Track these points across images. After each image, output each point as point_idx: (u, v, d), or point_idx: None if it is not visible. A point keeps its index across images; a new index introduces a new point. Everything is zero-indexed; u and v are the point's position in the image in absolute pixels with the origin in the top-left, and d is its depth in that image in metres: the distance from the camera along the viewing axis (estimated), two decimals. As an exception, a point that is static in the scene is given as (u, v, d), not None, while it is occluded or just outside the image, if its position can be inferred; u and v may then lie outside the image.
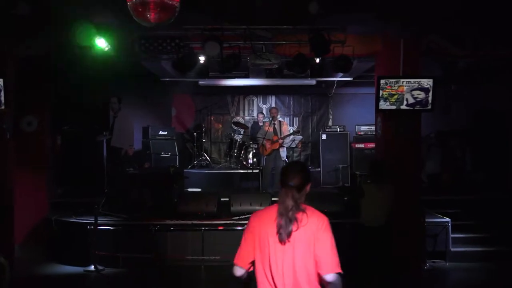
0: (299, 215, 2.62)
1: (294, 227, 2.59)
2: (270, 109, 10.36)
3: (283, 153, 9.93)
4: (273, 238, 2.62)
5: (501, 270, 7.21)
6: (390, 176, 6.03)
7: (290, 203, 2.63)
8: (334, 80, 11.94)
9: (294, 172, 2.74)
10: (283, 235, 2.59)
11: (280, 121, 10.14)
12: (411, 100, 7.09)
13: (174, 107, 13.37)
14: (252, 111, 13.60)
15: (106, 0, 6.07)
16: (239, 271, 2.76)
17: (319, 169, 11.44)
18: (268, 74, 10.92)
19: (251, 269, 2.75)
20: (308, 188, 2.76)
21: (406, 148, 7.30)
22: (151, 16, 3.95)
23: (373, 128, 10.62)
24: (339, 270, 2.58)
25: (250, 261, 2.73)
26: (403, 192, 6.81)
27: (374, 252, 5.51)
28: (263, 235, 2.66)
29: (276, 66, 8.21)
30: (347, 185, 10.99)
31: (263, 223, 2.69)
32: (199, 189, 10.23)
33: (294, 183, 2.68)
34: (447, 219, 7.63)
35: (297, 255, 2.59)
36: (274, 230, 2.62)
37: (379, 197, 5.63)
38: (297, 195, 2.66)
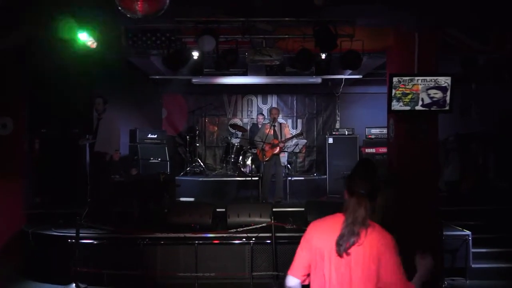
0: (364, 230, 2.58)
1: (356, 240, 2.55)
2: (270, 110, 10.35)
3: (284, 158, 9.94)
4: (331, 251, 2.59)
5: (527, 288, 7.19)
6: (403, 184, 6.03)
7: (362, 214, 2.57)
8: (342, 78, 11.96)
9: (365, 177, 2.68)
10: (343, 247, 2.55)
11: (280, 123, 10.13)
12: (427, 100, 7.08)
13: (164, 107, 13.38)
14: (251, 112, 13.61)
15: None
16: (292, 281, 2.73)
17: (325, 176, 11.43)
18: (268, 71, 10.89)
19: (307, 281, 2.73)
20: (379, 200, 2.71)
21: (422, 153, 7.29)
22: (138, 6, 3.94)
23: (384, 131, 10.60)
24: None
25: (306, 273, 2.71)
26: (418, 202, 6.80)
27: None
28: (319, 247, 2.64)
29: (278, 63, 8.19)
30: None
31: (322, 234, 2.66)
32: (192, 199, 10.20)
33: (366, 190, 2.62)
34: (467, 232, 7.61)
35: (355, 274, 2.55)
36: (333, 242, 2.59)
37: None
38: (369, 206, 2.61)
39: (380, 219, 5.64)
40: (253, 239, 7.13)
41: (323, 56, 8.41)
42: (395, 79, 7.08)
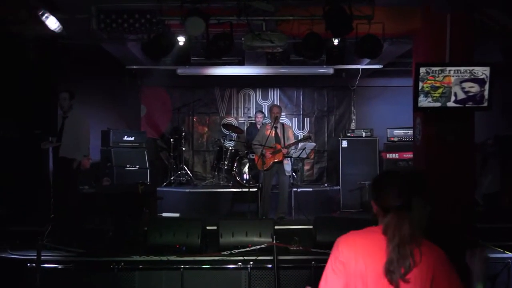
0: (417, 248, 2.57)
1: (411, 263, 2.53)
2: (271, 108, 10.29)
3: (288, 166, 9.92)
4: (377, 278, 2.55)
5: None
6: (432, 196, 6.04)
7: (408, 231, 2.55)
8: (358, 69, 11.96)
9: (400, 186, 2.67)
10: (397, 274, 2.52)
11: (283, 124, 10.13)
12: (461, 95, 7.10)
13: (144, 104, 13.39)
14: (249, 109, 13.63)
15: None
16: None
17: (338, 187, 11.44)
18: (269, 60, 10.93)
19: None
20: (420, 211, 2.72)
21: (455, 160, 7.30)
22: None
23: (410, 132, 10.62)
24: None
25: None
26: (450, 218, 6.80)
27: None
28: (361, 272, 2.58)
29: (281, 50, 8.21)
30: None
31: (362, 254, 2.60)
32: (177, 214, 10.18)
33: (403, 203, 2.62)
34: (510, 255, 7.62)
35: None
36: (379, 266, 2.55)
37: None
38: (413, 219, 2.59)
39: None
40: (251, 263, 7.11)
41: (336, 41, 8.43)
42: (422, 70, 7.09)
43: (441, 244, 2.72)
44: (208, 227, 8.00)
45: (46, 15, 7.14)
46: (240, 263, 7.15)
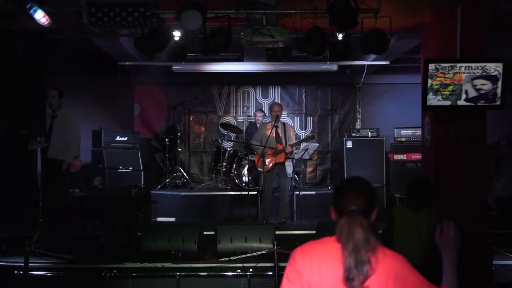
0: (372, 254, 2.57)
1: (369, 269, 2.54)
2: (271, 106, 10.28)
3: (290, 167, 9.92)
4: (334, 287, 2.57)
5: None
6: (442, 200, 6.04)
7: (361, 235, 2.57)
8: (364, 65, 11.97)
9: (356, 190, 2.71)
10: (356, 282, 2.53)
11: (284, 123, 10.13)
12: (472, 93, 7.10)
13: (137, 102, 13.39)
14: (248, 108, 13.63)
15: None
16: None
17: (343, 190, 11.43)
18: (270, 56, 10.94)
19: None
20: (374, 215, 2.73)
21: (466, 161, 7.29)
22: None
23: (418, 132, 10.64)
24: None
25: None
26: (461, 223, 6.79)
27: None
28: (317, 282, 2.61)
29: (282, 45, 8.22)
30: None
31: (317, 265, 2.63)
32: (172, 219, 10.20)
33: (359, 207, 2.65)
34: (524, 261, 7.62)
35: None
36: (336, 275, 2.57)
37: (415, 225, 5.64)
38: (367, 224, 2.61)
39: (432, 242, 5.66)
40: (251, 270, 7.12)
41: (340, 36, 8.43)
42: (431, 66, 7.09)
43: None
44: (205, 233, 8.01)
45: (33, 8, 7.13)
46: (239, 271, 7.16)
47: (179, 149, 12.50)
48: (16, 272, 7.24)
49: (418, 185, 5.90)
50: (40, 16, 7.15)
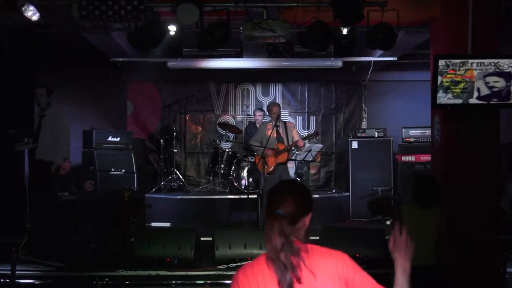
0: (298, 260, 2.58)
1: (296, 275, 2.55)
2: (269, 107, 10.16)
3: (292, 169, 9.91)
4: None
5: None
6: (452, 204, 6.03)
7: (278, 240, 2.59)
8: (370, 61, 11.96)
9: (284, 194, 2.71)
10: None
11: (285, 122, 10.10)
12: (484, 91, 7.10)
13: (130, 101, 13.38)
14: (247, 106, 13.62)
15: None
16: None
17: (348, 193, 11.44)
18: (271, 51, 10.93)
19: None
20: (307, 220, 2.73)
21: (478, 163, 7.29)
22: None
23: (427, 132, 10.62)
24: None
25: None
26: (472, 229, 6.80)
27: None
28: None
29: (283, 40, 8.21)
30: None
31: (259, 282, 2.65)
32: (168, 224, 10.19)
33: (284, 211, 2.64)
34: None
35: None
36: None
37: (424, 224, 5.64)
38: (288, 229, 2.61)
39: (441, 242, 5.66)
40: (251, 278, 7.12)
41: (345, 31, 8.43)
42: (441, 63, 7.09)
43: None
44: (202, 238, 8.02)
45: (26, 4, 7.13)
46: (238, 279, 7.14)
47: (175, 150, 12.50)
48: (2, 280, 7.23)
49: (425, 183, 5.91)
50: (29, 10, 7.15)
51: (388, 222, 8.02)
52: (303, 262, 2.58)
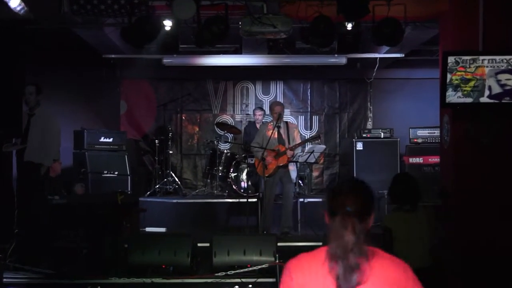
0: (364, 260, 2.55)
1: (359, 278, 2.52)
2: (271, 106, 10.18)
3: (293, 172, 9.91)
4: None
5: None
6: (462, 210, 6.04)
7: (350, 238, 2.55)
8: (376, 58, 11.97)
9: (352, 191, 2.70)
10: None
11: (287, 122, 10.10)
12: (496, 89, 7.10)
13: (124, 99, 13.38)
14: (247, 106, 13.62)
15: None
16: None
17: (352, 197, 11.42)
18: (271, 48, 10.94)
19: None
20: (371, 221, 2.71)
21: (489, 165, 7.29)
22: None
23: (436, 132, 10.62)
24: None
25: None
26: (485, 234, 6.79)
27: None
28: None
29: (285, 36, 8.22)
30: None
31: (311, 278, 2.63)
32: (163, 229, 10.19)
33: (353, 208, 2.62)
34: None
35: None
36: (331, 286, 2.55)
37: (414, 227, 5.65)
38: (359, 227, 2.58)
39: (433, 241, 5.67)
40: (250, 286, 7.12)
41: (349, 26, 8.44)
42: (451, 59, 7.09)
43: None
44: (199, 244, 8.01)
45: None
46: (237, 286, 7.15)
47: (170, 152, 12.50)
48: (-11, 288, 7.24)
49: (404, 183, 5.87)
50: (15, 4, 7.16)
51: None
52: (368, 265, 2.55)
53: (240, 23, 7.90)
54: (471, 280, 6.25)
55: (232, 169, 11.44)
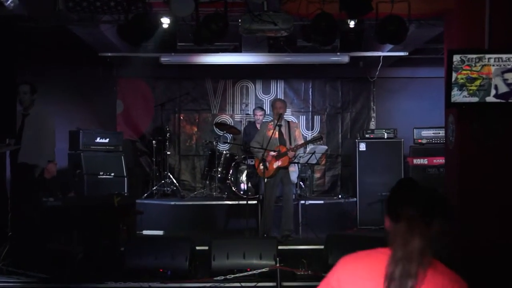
0: (422, 270, 2.48)
1: (413, 285, 2.46)
2: (273, 103, 10.25)
3: (294, 173, 9.90)
4: None
5: None
6: (467, 212, 6.02)
7: (417, 245, 2.48)
8: (379, 56, 11.97)
9: (415, 193, 2.64)
10: None
11: (289, 122, 10.10)
12: (503, 88, 7.09)
13: (120, 99, 13.38)
14: (247, 105, 13.62)
15: None
16: None
17: (355, 199, 11.44)
18: (272, 46, 10.94)
19: None
20: (439, 225, 2.59)
21: (496, 166, 7.28)
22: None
23: (441, 133, 10.62)
24: None
25: None
26: (491, 237, 6.78)
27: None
28: None
29: (285, 34, 8.21)
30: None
31: (359, 277, 2.59)
32: (160, 232, 10.19)
33: (417, 211, 2.54)
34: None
35: None
36: None
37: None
38: (426, 233, 2.51)
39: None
40: (250, 290, 7.13)
41: (352, 24, 8.43)
42: (456, 58, 7.08)
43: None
44: (197, 248, 8.01)
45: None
46: (236, 291, 7.16)
47: (168, 152, 12.50)
48: (-19, 292, 7.24)
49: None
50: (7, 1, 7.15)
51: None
52: (428, 276, 2.49)
53: (239, 20, 7.89)
54: (471, 281, 6.24)
55: (231, 171, 11.45)
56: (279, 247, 7.76)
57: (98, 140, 11.23)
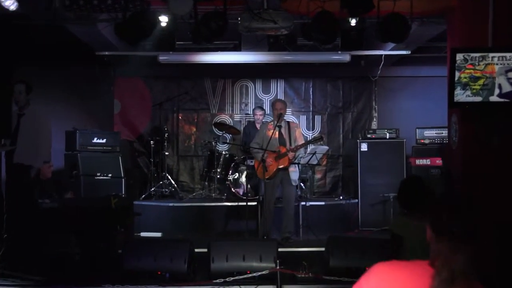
0: None
1: None
2: (273, 103, 10.25)
3: (295, 174, 9.91)
4: None
5: None
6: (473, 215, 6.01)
7: (461, 264, 2.45)
8: (381, 55, 11.97)
9: (455, 209, 2.61)
10: None
11: (289, 122, 10.10)
12: (507, 88, 7.10)
13: (118, 98, 13.38)
14: (246, 105, 13.61)
15: None
16: None
17: (356, 200, 11.43)
18: (272, 45, 10.94)
19: None
20: (474, 240, 2.58)
21: (499, 167, 7.29)
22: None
23: (444, 133, 10.63)
24: None
25: None
26: (493, 239, 6.79)
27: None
28: None
29: (286, 32, 8.22)
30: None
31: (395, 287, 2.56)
32: (158, 234, 10.19)
33: (463, 228, 2.53)
34: None
35: None
36: None
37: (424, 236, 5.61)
38: (469, 253, 2.48)
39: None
40: (249, 293, 7.13)
41: (353, 22, 8.44)
42: (459, 57, 7.10)
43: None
44: (196, 250, 8.01)
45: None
46: (236, 294, 7.16)
47: (166, 153, 12.49)
48: (-23, 296, 7.24)
49: (413, 187, 5.82)
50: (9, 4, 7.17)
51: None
52: None
53: (239, 18, 7.91)
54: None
55: (230, 171, 11.44)
56: (279, 249, 7.76)
57: (95, 140, 11.22)
